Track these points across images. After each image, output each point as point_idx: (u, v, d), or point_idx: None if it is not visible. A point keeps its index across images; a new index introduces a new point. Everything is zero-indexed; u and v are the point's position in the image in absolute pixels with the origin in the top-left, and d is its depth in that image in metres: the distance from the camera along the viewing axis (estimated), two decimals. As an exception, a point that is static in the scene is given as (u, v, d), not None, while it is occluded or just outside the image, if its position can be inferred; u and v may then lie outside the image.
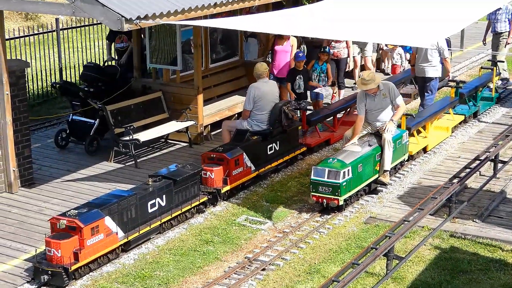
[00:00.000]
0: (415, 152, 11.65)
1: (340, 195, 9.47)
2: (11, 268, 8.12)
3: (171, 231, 9.16)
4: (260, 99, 10.91)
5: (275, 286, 7.88)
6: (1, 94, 9.95)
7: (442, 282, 7.87)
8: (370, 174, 10.15)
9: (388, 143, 10.27)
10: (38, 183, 10.61)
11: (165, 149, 12.27)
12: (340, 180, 9.44)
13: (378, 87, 10.30)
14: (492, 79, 14.61)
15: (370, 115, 10.51)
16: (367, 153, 10.06)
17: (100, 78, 12.56)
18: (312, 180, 9.61)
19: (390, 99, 10.41)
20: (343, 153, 9.95)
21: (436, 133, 12.59)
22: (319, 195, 9.56)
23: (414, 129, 11.70)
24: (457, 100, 13.36)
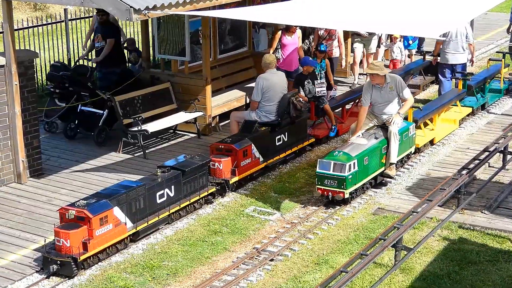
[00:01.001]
0: (422, 144, 11.56)
1: (346, 188, 9.42)
2: (20, 258, 8.16)
3: (179, 222, 9.18)
4: (268, 90, 10.90)
5: (283, 276, 7.89)
6: (10, 84, 9.98)
7: (450, 273, 7.86)
8: (376, 167, 10.07)
9: (394, 135, 10.18)
10: (47, 174, 10.64)
11: (174, 140, 12.28)
12: (345, 173, 9.37)
13: (385, 79, 10.18)
14: (501, 71, 14.49)
15: (376, 108, 10.42)
16: (373, 146, 9.98)
17: (67, 78, 12.39)
18: (318, 173, 9.55)
19: (397, 92, 10.28)
20: (349, 145, 9.88)
21: (444, 126, 12.49)
22: (325, 188, 9.51)
23: (421, 122, 11.62)
24: (465, 92, 13.27)
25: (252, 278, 7.82)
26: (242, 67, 14.28)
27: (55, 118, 12.35)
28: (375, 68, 10.10)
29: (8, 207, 9.48)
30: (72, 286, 7.66)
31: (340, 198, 9.44)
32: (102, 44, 12.99)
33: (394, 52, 15.40)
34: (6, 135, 10.10)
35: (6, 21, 9.89)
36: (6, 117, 10.05)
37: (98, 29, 13.12)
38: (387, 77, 10.23)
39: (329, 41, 13.74)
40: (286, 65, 13.11)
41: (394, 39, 15.38)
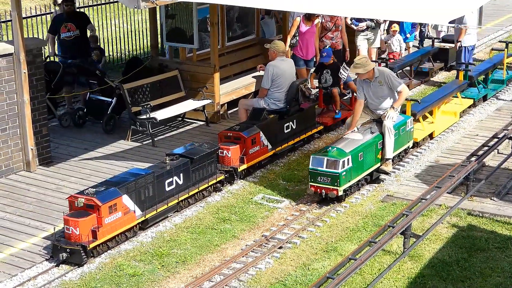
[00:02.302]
0: (421, 139, 11.25)
1: (340, 185, 9.09)
2: (30, 246, 8.20)
3: (188, 210, 9.20)
4: (278, 77, 10.87)
5: (292, 264, 7.91)
6: (18, 72, 10.00)
7: (459, 260, 7.85)
8: (372, 163, 9.77)
9: (389, 130, 9.86)
10: (56, 162, 10.67)
11: (182, 128, 12.29)
12: (339, 170, 9.05)
13: (373, 74, 9.87)
14: (503, 60, 14.18)
15: (370, 103, 10.16)
16: (368, 141, 9.67)
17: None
18: (311, 170, 9.22)
19: (387, 86, 9.92)
20: (343, 141, 9.56)
21: (444, 118, 12.19)
22: (318, 185, 9.18)
23: (420, 115, 11.32)
24: (466, 83, 12.98)
25: (261, 265, 7.84)
26: (250, 54, 14.24)
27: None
28: (357, 66, 9.76)
29: (17, 195, 9.52)
30: (82, 274, 7.70)
31: (333, 195, 9.12)
32: (76, 33, 12.77)
33: (394, 45, 15.28)
34: (15, 123, 10.13)
35: (15, 9, 9.90)
36: (15, 105, 10.08)
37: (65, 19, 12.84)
38: (375, 71, 9.92)
39: (335, 32, 13.64)
40: (303, 53, 13.00)
41: (393, 32, 15.27)
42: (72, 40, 12.80)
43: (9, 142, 10.11)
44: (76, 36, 12.77)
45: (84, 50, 12.91)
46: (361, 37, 14.48)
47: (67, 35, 12.78)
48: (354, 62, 9.81)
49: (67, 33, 12.75)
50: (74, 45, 12.82)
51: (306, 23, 12.95)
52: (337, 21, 13.46)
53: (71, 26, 12.74)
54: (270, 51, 11.09)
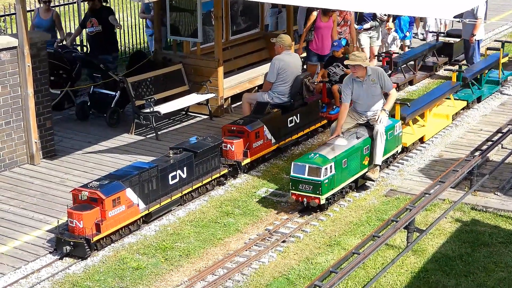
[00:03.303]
0: (410, 143, 10.75)
1: (322, 194, 8.66)
2: (34, 239, 8.21)
3: (192, 203, 9.21)
4: (284, 71, 10.83)
5: (295, 258, 7.91)
6: (22, 66, 10.00)
7: (462, 255, 7.85)
8: (357, 169, 9.34)
9: (381, 135, 9.43)
10: (60, 155, 10.69)
11: (186, 122, 12.29)
12: (321, 178, 8.61)
13: (366, 72, 9.48)
14: (499, 60, 13.67)
15: (358, 105, 9.69)
16: (353, 147, 9.24)
17: (61, 66, 12.34)
18: (292, 177, 8.81)
19: (380, 85, 9.54)
20: (327, 147, 9.14)
21: (435, 121, 11.67)
22: (299, 194, 8.75)
23: (410, 119, 10.82)
24: (459, 85, 12.45)
25: (264, 259, 7.85)
26: (254, 48, 14.23)
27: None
28: (357, 59, 9.34)
29: (21, 188, 9.54)
30: (85, 267, 7.71)
31: (315, 204, 8.69)
32: (98, 28, 12.86)
33: (388, 43, 15.19)
34: (19, 116, 10.14)
35: (19, 2, 9.89)
36: (19, 99, 10.09)
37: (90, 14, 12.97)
38: (368, 69, 9.49)
39: (344, 27, 13.56)
40: (319, 48, 12.78)
41: (388, 30, 15.20)
42: (93, 35, 12.96)
43: (13, 135, 10.13)
44: (98, 32, 12.87)
45: (105, 46, 12.92)
46: (364, 36, 14.29)
47: (90, 30, 12.99)
48: (353, 54, 9.51)
49: (91, 28, 12.94)
50: (95, 40, 12.99)
51: (323, 18, 12.70)
52: (346, 16, 13.40)
53: (94, 21, 12.91)
54: (276, 45, 11.06)
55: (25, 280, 7.45)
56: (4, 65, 9.87)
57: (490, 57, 13.94)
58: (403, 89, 14.13)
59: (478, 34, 14.13)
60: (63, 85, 12.29)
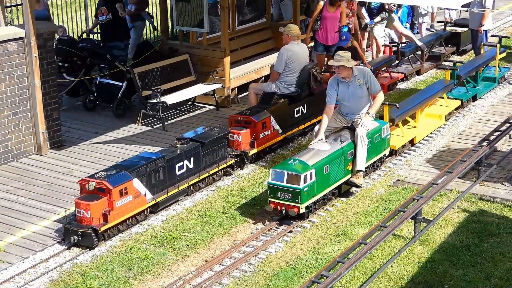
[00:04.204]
0: (400, 146, 10.26)
1: (301, 202, 8.18)
2: (42, 229, 8.24)
3: (198, 193, 9.22)
4: (292, 61, 10.81)
5: (302, 248, 7.91)
6: (29, 56, 10.01)
7: (470, 245, 7.84)
8: (341, 175, 8.84)
9: (362, 139, 8.91)
10: (67, 145, 10.71)
11: (192, 112, 12.29)
12: (300, 185, 8.13)
13: (352, 72, 9.06)
14: (496, 57, 13.18)
15: (343, 106, 9.28)
16: (336, 152, 8.75)
17: (75, 53, 12.36)
18: (270, 184, 8.32)
19: (366, 86, 9.10)
20: (308, 152, 8.66)
21: (427, 122, 11.12)
22: (278, 202, 8.29)
23: (399, 120, 10.30)
24: (452, 83, 11.90)
25: (271, 249, 7.85)
26: (260, 38, 14.20)
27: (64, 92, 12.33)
28: (341, 59, 8.89)
29: (29, 179, 9.56)
30: (93, 257, 7.73)
31: (294, 213, 8.22)
32: (108, 17, 12.95)
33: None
34: (26, 107, 10.15)
35: (25, -7, 9.90)
36: (26, 89, 10.10)
37: (101, 3, 13.10)
38: (354, 70, 9.06)
39: (352, 17, 13.47)
40: (324, 38, 12.69)
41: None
42: (104, 24, 13.05)
43: (20, 125, 10.14)
44: (108, 20, 12.93)
45: (116, 34, 12.94)
46: (377, 28, 14.16)
47: (101, 19, 13.12)
48: (337, 54, 9.00)
49: (101, 17, 13.03)
50: (106, 29, 13.07)
51: (329, 8, 12.59)
52: (353, 7, 13.36)
53: (104, 10, 13.07)
54: (284, 35, 11.03)
55: (33, 269, 7.48)
56: (11, 56, 9.87)
57: (486, 53, 13.46)
58: (410, 79, 14.09)
59: (486, 24, 14.07)
60: (78, 72, 12.27)
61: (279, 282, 7.23)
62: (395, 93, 13.37)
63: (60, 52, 12.42)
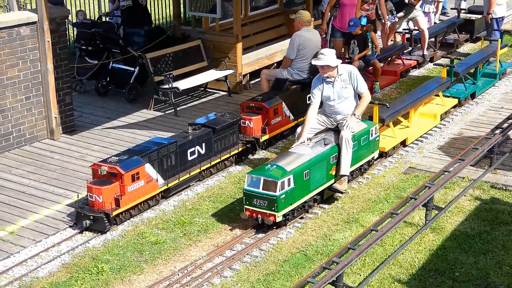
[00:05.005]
0: (390, 148, 9.75)
1: (278, 210, 7.68)
2: (54, 213, 8.29)
3: (210, 179, 9.23)
4: (304, 47, 10.77)
5: (313, 234, 7.92)
6: (42, 41, 10.03)
7: (481, 233, 7.82)
8: (323, 180, 8.32)
9: (346, 142, 8.41)
10: (79, 130, 10.75)
11: (204, 98, 12.29)
12: (277, 193, 7.64)
13: (337, 71, 8.62)
14: (497, 52, 12.64)
15: (328, 106, 8.78)
16: (318, 156, 8.23)
17: (97, 36, 12.35)
18: (245, 191, 7.82)
19: (352, 85, 8.67)
20: (287, 156, 8.16)
21: (421, 122, 10.62)
22: (253, 209, 7.79)
23: (390, 121, 9.83)
24: (449, 81, 11.37)
25: (282, 235, 7.86)
26: (273, 24, 14.17)
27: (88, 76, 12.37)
28: (325, 58, 8.46)
29: (41, 163, 9.61)
30: (105, 241, 7.78)
31: (270, 222, 7.73)
32: (128, 3, 12.92)
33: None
34: (39, 91, 10.19)
35: (38, -23, 9.90)
36: (38, 74, 10.13)
37: None
38: (339, 68, 8.63)
39: (371, 4, 13.35)
40: (342, 25, 12.62)
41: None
42: (125, 9, 13.00)
43: (33, 110, 10.19)
44: (129, 6, 12.88)
45: (136, 19, 12.91)
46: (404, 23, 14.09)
47: (122, 4, 13.04)
48: (321, 53, 8.55)
49: (123, 2, 12.96)
50: (126, 14, 13.03)
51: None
52: None
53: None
54: (296, 21, 10.99)
55: (46, 253, 7.53)
56: (24, 40, 9.90)
57: (486, 49, 12.90)
58: (423, 66, 14.02)
59: (497, 11, 13.93)
60: (100, 56, 12.27)
61: (290, 268, 7.24)
62: (408, 80, 13.32)
63: (83, 35, 12.44)
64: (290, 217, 7.99)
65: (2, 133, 9.87)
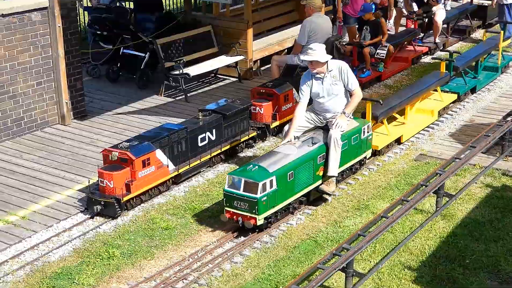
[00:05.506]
0: (383, 146, 9.36)
1: (258, 213, 7.35)
2: (65, 198, 8.32)
3: (220, 165, 9.24)
4: (315, 33, 10.73)
5: (323, 221, 7.92)
6: (53, 26, 10.03)
7: (492, 220, 7.80)
8: (309, 182, 7.98)
9: (335, 142, 8.05)
10: (90, 116, 10.78)
11: (215, 84, 12.28)
12: (258, 195, 7.31)
13: (327, 67, 8.24)
14: (499, 45, 12.23)
15: (317, 104, 8.40)
16: (304, 156, 7.86)
17: (112, 21, 12.31)
18: (226, 192, 7.51)
19: (342, 82, 8.28)
20: (271, 156, 7.80)
21: (418, 118, 10.23)
22: (234, 211, 7.48)
23: (383, 118, 9.45)
24: (448, 76, 10.92)
25: (292, 222, 7.87)
26: (284, 10, 14.12)
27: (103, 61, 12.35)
28: (313, 53, 8.11)
29: (52, 148, 9.65)
30: (116, 226, 7.81)
31: (250, 225, 7.41)
32: None
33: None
34: (50, 77, 10.21)
35: (49, -38, 9.90)
36: (49, 59, 10.15)
37: None
38: (329, 64, 8.25)
39: None
40: (353, 11, 12.57)
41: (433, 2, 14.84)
42: None
43: (44, 95, 10.21)
44: None
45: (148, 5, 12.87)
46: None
47: None
48: (310, 48, 8.19)
49: None
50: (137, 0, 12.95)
51: None
52: None
53: None
54: (307, 7, 10.95)
55: (57, 238, 7.57)
56: (35, 25, 9.91)
57: (488, 41, 12.49)
58: (434, 53, 13.95)
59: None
60: (115, 41, 12.27)
61: (300, 254, 7.25)
62: (419, 66, 13.26)
63: (97, 20, 12.43)
64: (273, 220, 7.66)
65: (13, 118, 9.90)
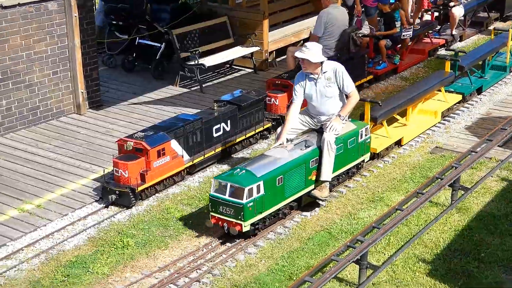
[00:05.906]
0: (382, 149, 9.04)
1: (244, 220, 7.06)
2: (80, 187, 8.36)
3: (235, 156, 9.24)
4: (331, 25, 10.68)
5: (337, 212, 7.91)
6: (69, 16, 10.05)
7: (508, 214, 7.75)
8: (301, 187, 7.67)
9: (328, 145, 7.72)
10: (106, 105, 10.80)
11: (230, 75, 12.27)
12: (244, 200, 7.02)
13: (321, 68, 7.92)
14: (508, 43, 11.75)
15: (311, 106, 8.09)
16: (295, 159, 7.55)
17: (128, 10, 12.27)
18: (211, 197, 7.25)
19: (337, 84, 7.95)
20: (260, 160, 7.49)
21: (420, 120, 9.89)
22: (219, 217, 7.21)
23: (383, 119, 9.17)
24: (452, 76, 10.53)
25: (306, 213, 7.86)
26: (300, 1, 14.06)
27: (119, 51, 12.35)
28: (306, 51, 7.77)
29: (68, 137, 9.69)
30: (130, 215, 7.83)
31: (235, 232, 7.14)
32: None
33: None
34: (66, 66, 10.24)
35: (66, -48, 9.91)
36: (66, 49, 10.18)
37: None
38: (324, 65, 7.91)
39: None
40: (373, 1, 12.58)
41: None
42: None
43: (60, 85, 10.25)
44: None
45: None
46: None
47: None
48: (305, 46, 7.90)
49: None
50: None
51: None
52: None
53: None
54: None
55: (72, 226, 7.61)
56: (52, 15, 9.93)
57: (496, 39, 11.93)
58: (451, 45, 13.85)
59: None
60: (131, 31, 12.26)
61: (314, 246, 7.25)
62: (435, 59, 13.18)
63: (113, 10, 12.44)
64: (261, 227, 7.38)
65: (29, 107, 9.95)
